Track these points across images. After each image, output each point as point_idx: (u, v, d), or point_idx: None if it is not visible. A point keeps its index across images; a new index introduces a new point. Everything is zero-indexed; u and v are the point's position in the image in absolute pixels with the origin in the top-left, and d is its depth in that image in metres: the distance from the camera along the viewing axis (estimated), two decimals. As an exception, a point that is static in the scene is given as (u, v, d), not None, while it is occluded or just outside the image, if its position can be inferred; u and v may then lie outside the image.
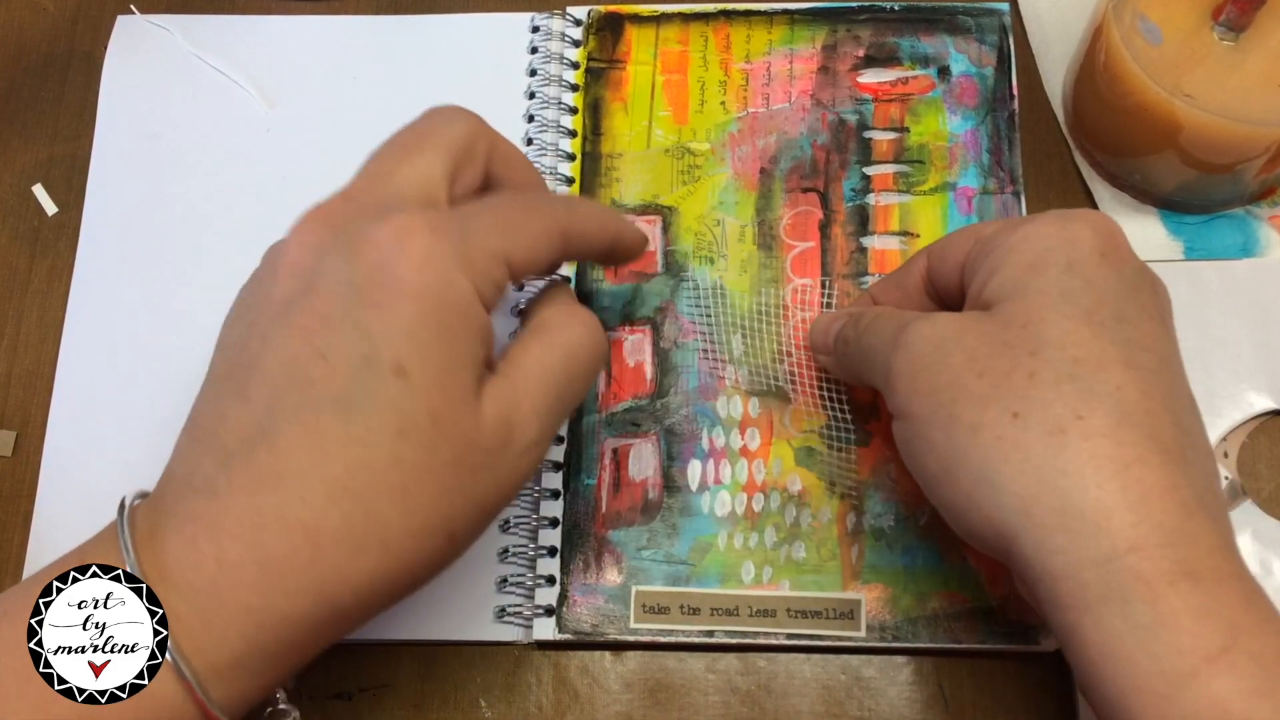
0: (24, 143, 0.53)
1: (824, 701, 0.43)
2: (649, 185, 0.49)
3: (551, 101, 0.50)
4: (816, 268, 0.47)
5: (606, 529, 0.44)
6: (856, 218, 0.48)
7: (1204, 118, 0.43)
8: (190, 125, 0.52)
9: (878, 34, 0.50)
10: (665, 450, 0.45)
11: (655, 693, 0.43)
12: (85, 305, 0.49)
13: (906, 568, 0.43)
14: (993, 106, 0.49)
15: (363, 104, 0.52)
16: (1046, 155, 0.50)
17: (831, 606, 0.43)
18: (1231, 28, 0.43)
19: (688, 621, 0.43)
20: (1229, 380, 0.45)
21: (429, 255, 0.32)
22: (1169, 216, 0.48)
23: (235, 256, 0.49)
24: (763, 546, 0.44)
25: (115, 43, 0.54)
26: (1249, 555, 0.43)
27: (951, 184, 0.48)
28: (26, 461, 0.48)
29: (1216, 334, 0.46)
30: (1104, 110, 0.47)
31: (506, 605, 0.44)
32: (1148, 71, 0.43)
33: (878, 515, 0.44)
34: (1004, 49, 0.50)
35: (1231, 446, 0.45)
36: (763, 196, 0.49)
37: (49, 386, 0.48)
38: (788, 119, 0.50)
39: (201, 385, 0.36)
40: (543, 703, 0.43)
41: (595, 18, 0.52)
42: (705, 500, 0.45)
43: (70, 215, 0.51)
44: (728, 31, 0.51)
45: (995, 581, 0.43)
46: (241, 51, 0.53)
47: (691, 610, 0.43)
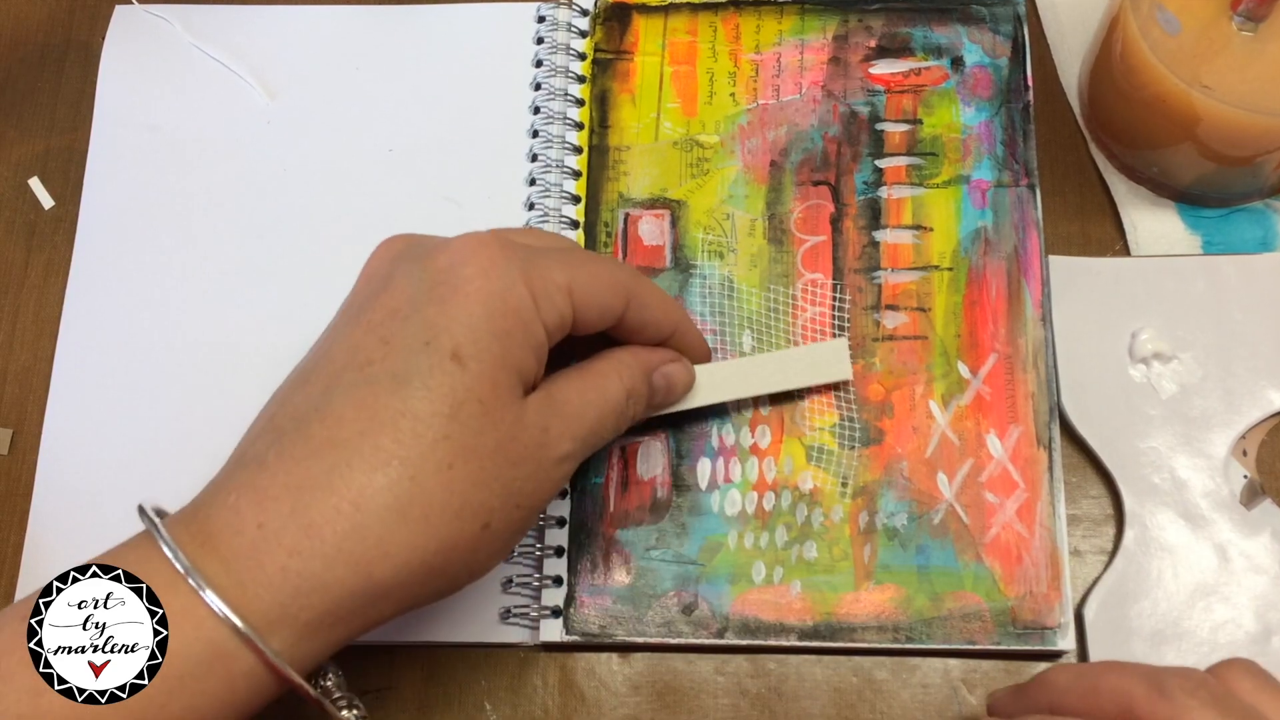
0: (20, 135, 0.52)
1: (835, 704, 0.42)
2: (657, 178, 0.48)
3: (558, 93, 0.50)
4: (828, 262, 0.47)
5: (614, 529, 0.44)
6: (868, 211, 0.47)
7: (1222, 109, 0.42)
8: (189, 117, 0.51)
9: (890, 24, 0.50)
10: (674, 448, 0.45)
11: (663, 695, 0.43)
12: (82, 300, 0.49)
13: (920, 568, 0.43)
14: (1007, 98, 0.48)
15: (365, 96, 0.51)
16: (1062, 148, 0.49)
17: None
18: (1250, 18, 0.42)
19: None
20: (1248, 377, 0.44)
21: (495, 263, 0.35)
22: (1187, 210, 0.48)
23: (236, 250, 0.49)
24: (773, 546, 0.43)
25: (113, 33, 0.53)
26: (1268, 555, 0.42)
27: (965, 177, 0.47)
28: (23, 459, 0.47)
29: (1235, 330, 0.45)
30: (1121, 102, 0.46)
31: (512, 606, 0.43)
32: (1165, 62, 0.43)
33: (890, 514, 0.43)
34: (1018, 39, 0.49)
35: (1251, 445, 0.44)
36: (773, 190, 0.48)
37: (46, 383, 0.48)
38: (798, 111, 0.49)
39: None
40: (549, 706, 0.43)
41: (602, 8, 0.51)
42: (715, 499, 0.44)
43: (67, 209, 0.51)
44: (737, 21, 0.50)
45: (1010, 582, 0.42)
46: (242, 42, 0.52)
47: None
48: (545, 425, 0.36)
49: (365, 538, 0.32)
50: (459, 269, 0.35)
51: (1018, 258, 0.46)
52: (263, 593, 0.32)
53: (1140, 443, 0.44)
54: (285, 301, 0.48)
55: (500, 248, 0.35)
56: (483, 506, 0.34)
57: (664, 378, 0.41)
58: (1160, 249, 0.47)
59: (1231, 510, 0.43)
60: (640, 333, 0.40)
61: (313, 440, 0.33)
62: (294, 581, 0.32)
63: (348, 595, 0.33)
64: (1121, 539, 0.43)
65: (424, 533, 0.33)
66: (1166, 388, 0.45)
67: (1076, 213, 0.48)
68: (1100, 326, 0.45)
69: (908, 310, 0.46)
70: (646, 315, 0.39)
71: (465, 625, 0.43)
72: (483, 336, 0.34)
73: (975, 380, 0.45)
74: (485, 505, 0.34)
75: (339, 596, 0.33)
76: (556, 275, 0.36)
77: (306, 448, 0.33)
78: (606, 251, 0.47)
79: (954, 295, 0.46)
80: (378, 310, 0.35)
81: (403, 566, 0.33)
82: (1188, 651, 0.41)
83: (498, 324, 0.34)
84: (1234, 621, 0.42)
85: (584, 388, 0.37)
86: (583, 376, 0.38)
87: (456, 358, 0.34)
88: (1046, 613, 0.42)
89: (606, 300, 0.37)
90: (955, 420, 0.44)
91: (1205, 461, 0.44)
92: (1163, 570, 0.43)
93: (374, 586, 0.33)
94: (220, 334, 0.48)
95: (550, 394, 0.36)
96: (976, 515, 0.43)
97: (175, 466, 0.35)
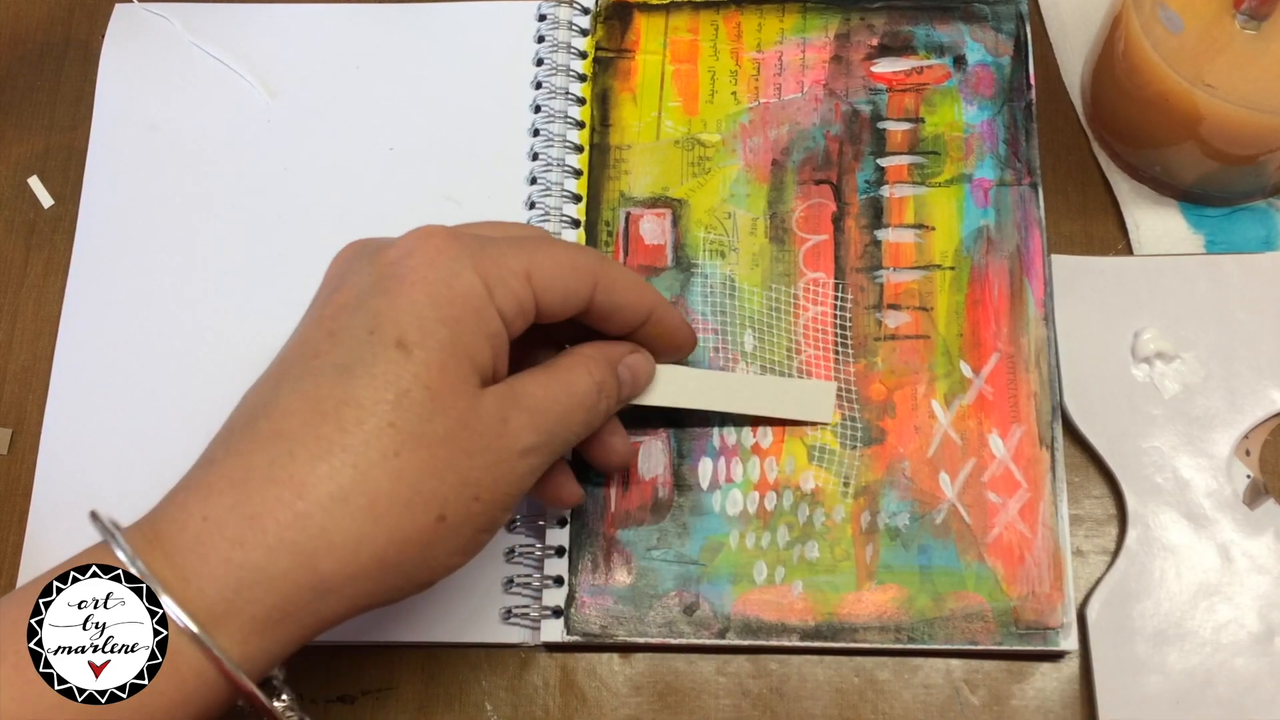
0: (19, 134, 0.52)
1: (837, 705, 0.42)
2: (658, 177, 0.48)
3: (559, 92, 0.50)
4: (830, 261, 0.46)
5: (615, 528, 0.44)
6: (870, 210, 0.47)
7: (1225, 108, 0.42)
8: (189, 116, 0.51)
9: (892, 22, 0.49)
10: (675, 448, 0.44)
11: (665, 696, 0.43)
12: (82, 300, 0.49)
13: (922, 568, 0.42)
14: (1009, 96, 0.48)
15: (366, 95, 0.51)
16: (1065, 146, 0.49)
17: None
18: (1254, 16, 0.42)
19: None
20: (1251, 376, 0.44)
21: (441, 251, 0.34)
22: (1190, 209, 0.47)
23: (236, 250, 0.49)
24: (775, 546, 0.43)
25: (113, 31, 0.53)
26: (1272, 555, 0.42)
27: (967, 175, 0.47)
28: (22, 459, 0.47)
29: (1238, 329, 0.45)
30: (1123, 100, 0.46)
31: (513, 606, 0.43)
32: (1168, 61, 0.43)
33: (892, 514, 0.43)
34: (1021, 37, 0.49)
35: (1254, 444, 0.44)
36: (774, 189, 0.48)
37: (45, 383, 0.47)
38: (800, 109, 0.49)
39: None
40: (549, 706, 0.43)
41: (604, 6, 0.51)
42: (716, 499, 0.44)
43: (67, 208, 0.50)
44: (739, 20, 0.50)
45: (1012, 582, 0.42)
46: (242, 41, 0.52)
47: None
48: (504, 416, 0.35)
49: (308, 527, 0.32)
50: (404, 260, 0.34)
51: (1020, 257, 0.46)
52: (206, 586, 0.32)
53: (1143, 442, 0.44)
54: (285, 301, 0.47)
55: (448, 237, 0.35)
56: (435, 496, 0.33)
57: (628, 370, 0.40)
58: (1163, 248, 0.47)
59: (1234, 510, 0.43)
60: (612, 318, 0.39)
61: (259, 434, 0.33)
62: (237, 574, 0.32)
63: (293, 588, 0.32)
64: (1124, 539, 0.43)
65: (370, 522, 0.32)
66: (1169, 387, 0.44)
67: (1079, 212, 0.48)
68: (1103, 326, 0.45)
69: (910, 309, 0.46)
70: (617, 298, 0.38)
71: (466, 625, 0.43)
72: (429, 324, 0.33)
73: (977, 380, 0.45)
74: (437, 495, 0.33)
75: (285, 590, 0.32)
76: (512, 262, 0.35)
77: (253, 442, 0.33)
78: (608, 251, 0.47)
79: (956, 294, 0.46)
80: (329, 307, 0.35)
81: (350, 558, 0.32)
82: (1190, 652, 0.41)
83: (445, 310, 0.34)
84: (1237, 621, 0.42)
85: (549, 381, 0.37)
86: (548, 371, 0.37)
87: (401, 345, 0.33)
88: (1049, 613, 0.42)
89: (570, 284, 0.37)
90: (957, 420, 0.44)
91: (1208, 461, 0.43)
92: (1165, 570, 0.42)
93: (320, 579, 0.32)
94: (220, 333, 0.48)
95: (512, 387, 0.36)
96: (979, 515, 0.43)
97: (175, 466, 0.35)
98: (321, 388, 0.33)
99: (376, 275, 0.35)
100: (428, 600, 0.43)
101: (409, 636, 0.43)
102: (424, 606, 0.43)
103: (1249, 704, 0.41)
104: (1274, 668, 0.41)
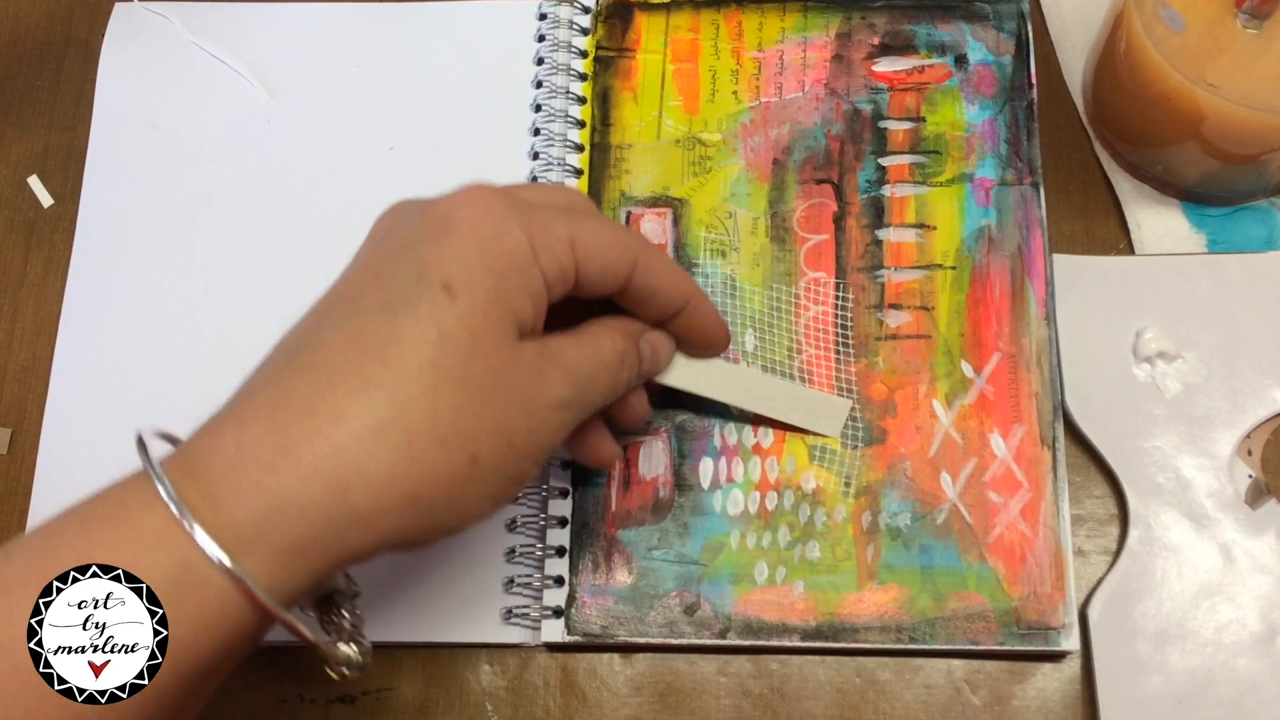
0: (19, 133, 0.52)
1: (838, 705, 0.42)
2: (659, 177, 0.48)
3: (559, 91, 0.49)
4: (831, 261, 0.46)
5: (616, 528, 0.43)
6: (871, 210, 0.47)
7: (1227, 107, 0.42)
8: (189, 115, 0.51)
9: (893, 21, 0.49)
10: (676, 448, 0.44)
11: (665, 696, 0.42)
12: (82, 299, 0.49)
13: (923, 568, 0.42)
14: (1011, 96, 0.48)
15: (366, 94, 0.51)
16: (1066, 146, 0.49)
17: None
18: (1255, 15, 0.42)
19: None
20: (1253, 376, 0.44)
21: (492, 207, 0.35)
22: (1192, 209, 0.47)
23: (236, 249, 0.49)
24: (776, 546, 0.43)
25: (113, 30, 0.53)
26: (1273, 555, 0.42)
27: (969, 175, 0.47)
28: (22, 459, 0.47)
29: (1240, 329, 0.45)
30: (1125, 100, 0.46)
31: (514, 606, 0.43)
32: (1170, 60, 0.43)
33: (894, 514, 0.43)
34: (1022, 37, 0.49)
35: (1255, 444, 0.44)
36: (775, 188, 0.48)
37: (45, 383, 0.47)
38: (801, 109, 0.49)
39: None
40: (550, 706, 0.43)
41: (604, 5, 0.51)
42: (717, 499, 0.44)
43: (66, 207, 0.50)
44: (739, 19, 0.50)
45: (1014, 582, 0.42)
46: (242, 40, 0.52)
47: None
48: (540, 368, 0.35)
49: (343, 456, 0.32)
50: (456, 212, 0.35)
51: (1021, 256, 0.46)
52: (236, 510, 0.31)
53: (1144, 442, 0.44)
54: (285, 300, 0.47)
55: (499, 195, 0.35)
56: (470, 436, 0.33)
57: (649, 345, 0.40)
58: (1165, 247, 0.47)
59: (1236, 510, 0.43)
60: (649, 302, 0.39)
61: (299, 367, 0.33)
62: (269, 500, 0.31)
63: (324, 518, 0.32)
64: (1126, 539, 0.43)
65: (405, 457, 0.32)
66: (1171, 387, 0.44)
67: (1080, 211, 0.48)
68: (1104, 325, 0.45)
69: (911, 309, 0.46)
70: (655, 280, 0.38)
71: (466, 625, 0.43)
72: (475, 272, 0.34)
73: (979, 379, 0.44)
74: (473, 436, 0.33)
75: (315, 519, 0.32)
76: (558, 228, 0.36)
77: (291, 374, 0.33)
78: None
79: (957, 294, 0.46)
80: (376, 253, 0.35)
81: (383, 491, 0.32)
82: (1192, 652, 0.41)
83: (491, 262, 0.34)
84: (1239, 622, 0.41)
85: (579, 343, 0.37)
86: (576, 335, 0.37)
87: (447, 289, 0.33)
88: (1050, 613, 0.42)
89: (610, 257, 0.37)
90: (959, 419, 0.44)
91: (1210, 461, 0.43)
92: (1167, 570, 0.42)
93: (351, 510, 0.32)
94: (220, 332, 0.47)
95: (546, 344, 0.36)
96: (980, 515, 0.43)
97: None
98: (366, 324, 0.33)
99: (425, 224, 0.35)
100: (428, 600, 0.43)
101: (409, 636, 0.43)
102: (424, 606, 0.43)
103: (1251, 704, 0.40)
104: (1276, 668, 0.41)
